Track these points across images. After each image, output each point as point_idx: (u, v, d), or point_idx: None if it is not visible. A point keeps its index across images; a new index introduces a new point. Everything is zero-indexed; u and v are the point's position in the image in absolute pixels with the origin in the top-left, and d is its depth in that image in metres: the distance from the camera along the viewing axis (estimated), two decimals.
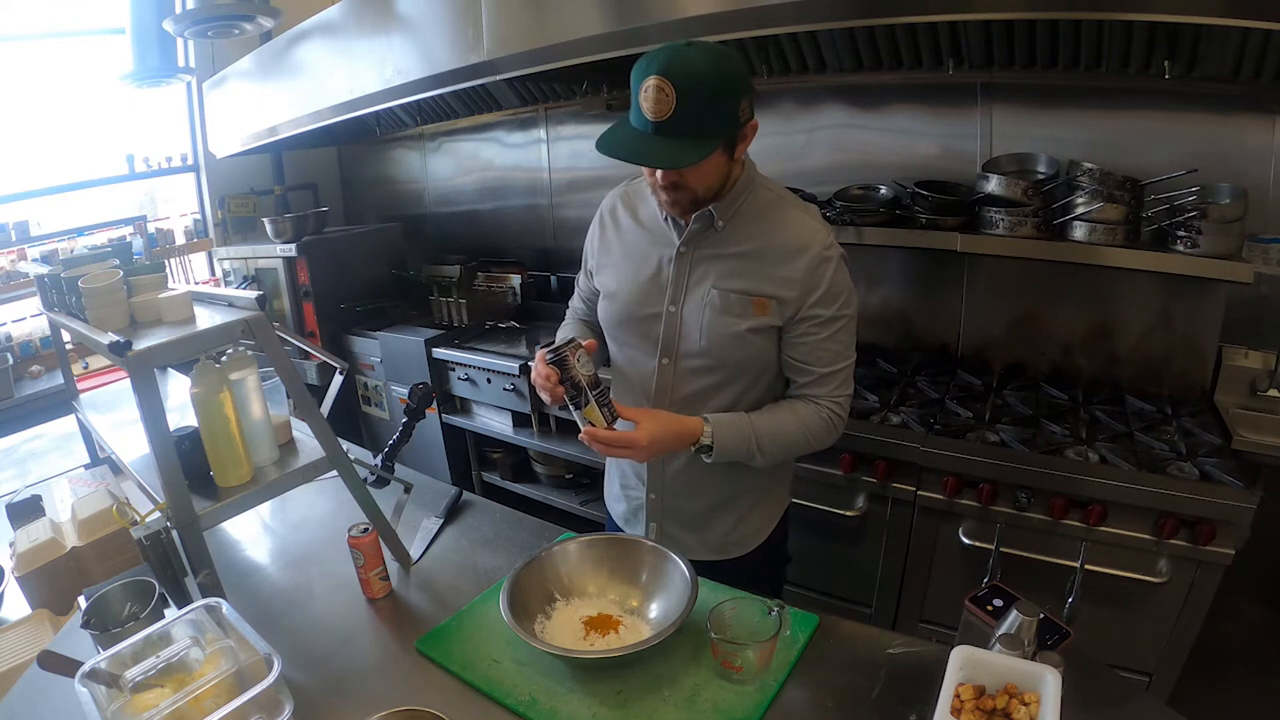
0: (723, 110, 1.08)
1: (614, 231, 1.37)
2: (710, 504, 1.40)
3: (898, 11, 1.60)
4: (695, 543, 1.42)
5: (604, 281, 1.38)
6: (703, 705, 1.04)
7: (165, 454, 1.15)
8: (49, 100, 3.16)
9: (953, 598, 1.15)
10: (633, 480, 1.46)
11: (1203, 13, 1.34)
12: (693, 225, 1.24)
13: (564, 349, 1.17)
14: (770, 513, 1.46)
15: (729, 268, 1.24)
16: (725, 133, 1.11)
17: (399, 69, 2.48)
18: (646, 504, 1.44)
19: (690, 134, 1.07)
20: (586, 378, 1.17)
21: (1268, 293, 1.87)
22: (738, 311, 1.24)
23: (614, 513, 1.56)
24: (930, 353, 2.38)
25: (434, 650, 1.19)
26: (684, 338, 1.28)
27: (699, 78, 1.04)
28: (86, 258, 1.48)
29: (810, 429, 1.27)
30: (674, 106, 1.04)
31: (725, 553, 1.43)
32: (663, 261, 1.29)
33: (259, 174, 3.79)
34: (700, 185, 1.17)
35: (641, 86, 1.06)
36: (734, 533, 1.42)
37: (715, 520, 1.41)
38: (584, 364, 1.17)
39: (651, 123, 1.06)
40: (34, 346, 3.21)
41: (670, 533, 1.44)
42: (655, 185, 1.20)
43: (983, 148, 2.13)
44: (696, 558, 1.38)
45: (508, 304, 3.22)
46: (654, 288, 1.30)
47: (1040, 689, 0.85)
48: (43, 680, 1.09)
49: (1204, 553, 1.59)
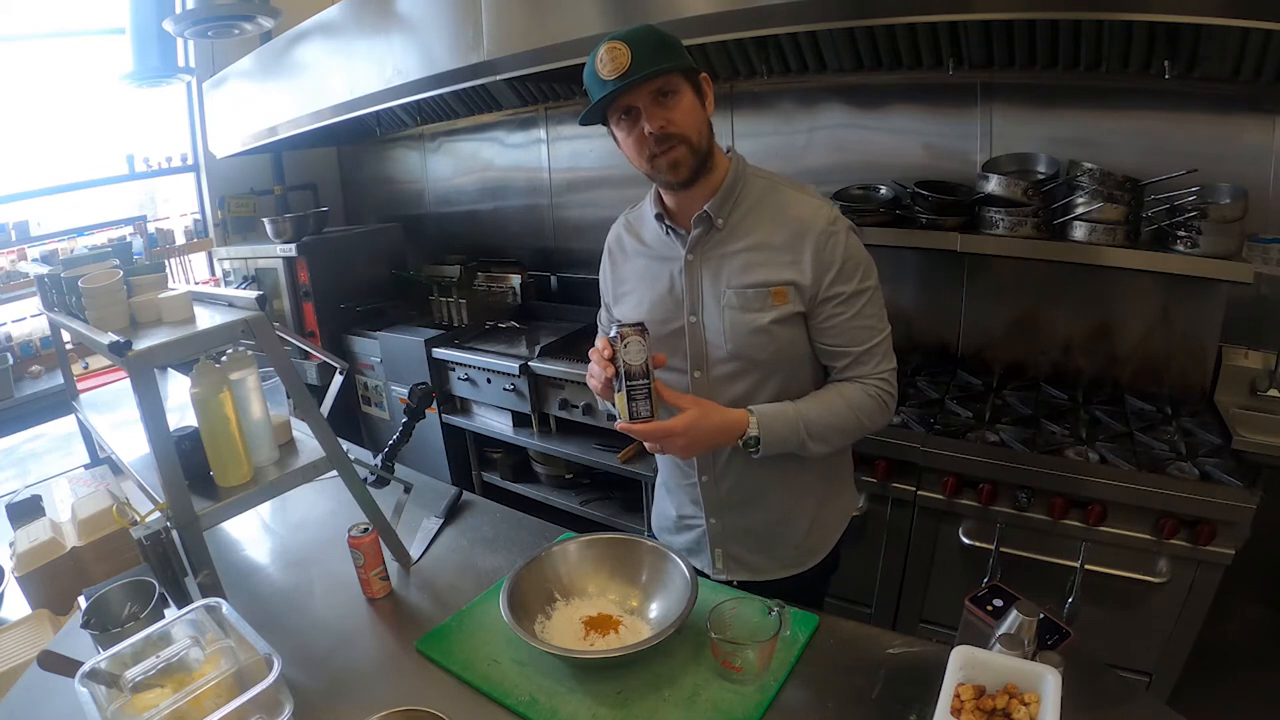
0: (674, 48, 1.14)
1: (623, 260, 1.37)
2: (774, 518, 1.35)
3: (898, 11, 1.60)
4: (766, 561, 1.37)
5: (624, 311, 1.35)
6: (703, 705, 1.04)
7: (165, 454, 1.15)
8: (49, 100, 3.16)
9: (953, 598, 1.15)
10: (690, 509, 1.40)
11: (1203, 13, 1.34)
12: (694, 231, 1.23)
13: (627, 327, 1.11)
14: (841, 512, 1.43)
15: (738, 264, 1.23)
16: (683, 62, 1.14)
17: (399, 69, 2.49)
18: (708, 530, 1.38)
19: (654, 64, 1.10)
20: (627, 365, 1.11)
21: (1268, 293, 1.87)
22: (757, 306, 1.21)
23: (671, 546, 1.37)
24: (930, 353, 2.37)
25: (434, 650, 1.19)
26: (710, 345, 1.26)
27: (642, 32, 1.13)
28: (86, 258, 1.48)
29: (861, 409, 1.22)
30: (630, 55, 1.09)
31: (801, 564, 1.38)
32: (674, 274, 1.28)
33: (259, 174, 3.79)
34: (689, 126, 1.15)
35: (596, 60, 1.12)
36: (806, 542, 1.38)
37: (783, 533, 1.36)
38: (632, 351, 1.11)
39: (615, 80, 1.10)
40: (34, 346, 3.21)
41: (737, 555, 1.38)
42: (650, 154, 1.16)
43: (983, 148, 2.13)
44: (771, 578, 1.36)
45: (508, 304, 3.22)
46: (671, 302, 1.28)
47: (1040, 689, 0.85)
48: (43, 680, 1.09)
49: (1204, 553, 1.59)
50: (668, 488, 1.46)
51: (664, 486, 1.48)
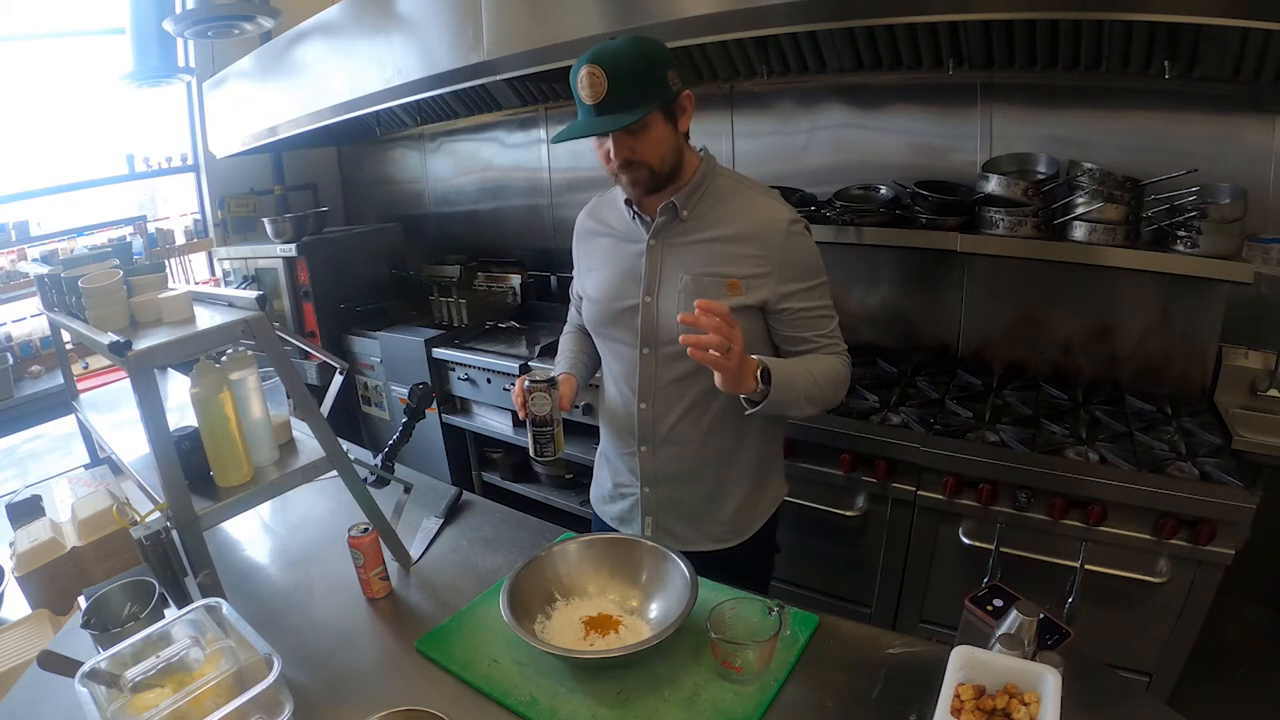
0: (652, 80, 1.19)
1: (589, 242, 1.48)
2: (706, 492, 1.42)
3: (898, 11, 1.60)
4: (694, 534, 1.44)
5: (584, 286, 1.48)
6: (703, 705, 1.04)
7: (165, 454, 1.15)
8: (49, 100, 3.16)
9: (953, 598, 1.15)
10: (626, 478, 1.49)
11: (1203, 13, 1.34)
12: (659, 218, 1.30)
13: (535, 383, 1.33)
14: (771, 496, 1.50)
15: (699, 254, 1.30)
16: (659, 99, 1.19)
17: (399, 69, 2.49)
18: (641, 499, 1.46)
19: (627, 106, 1.17)
20: (532, 414, 1.35)
21: (1268, 293, 1.87)
22: (712, 294, 1.26)
23: (605, 515, 1.57)
24: (930, 353, 2.37)
25: (434, 650, 1.19)
26: (661, 326, 1.33)
27: (623, 56, 1.17)
28: (86, 258, 1.48)
29: (839, 378, 1.33)
30: (607, 85, 1.15)
31: (726, 541, 1.45)
32: (635, 257, 1.35)
33: (259, 174, 3.79)
34: (652, 156, 1.23)
35: (578, 80, 1.18)
36: (734, 520, 1.44)
37: (714, 508, 1.43)
38: (537, 403, 1.33)
39: (592, 106, 1.18)
40: (34, 346, 3.21)
41: (667, 526, 1.46)
42: (614, 170, 1.26)
43: (983, 148, 2.13)
44: (697, 548, 1.40)
45: (508, 304, 3.22)
46: (629, 281, 1.36)
47: (1040, 689, 0.85)
48: (43, 680, 1.09)
49: (1204, 553, 1.59)
50: (607, 458, 1.55)
51: (603, 457, 1.57)
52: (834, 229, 2.13)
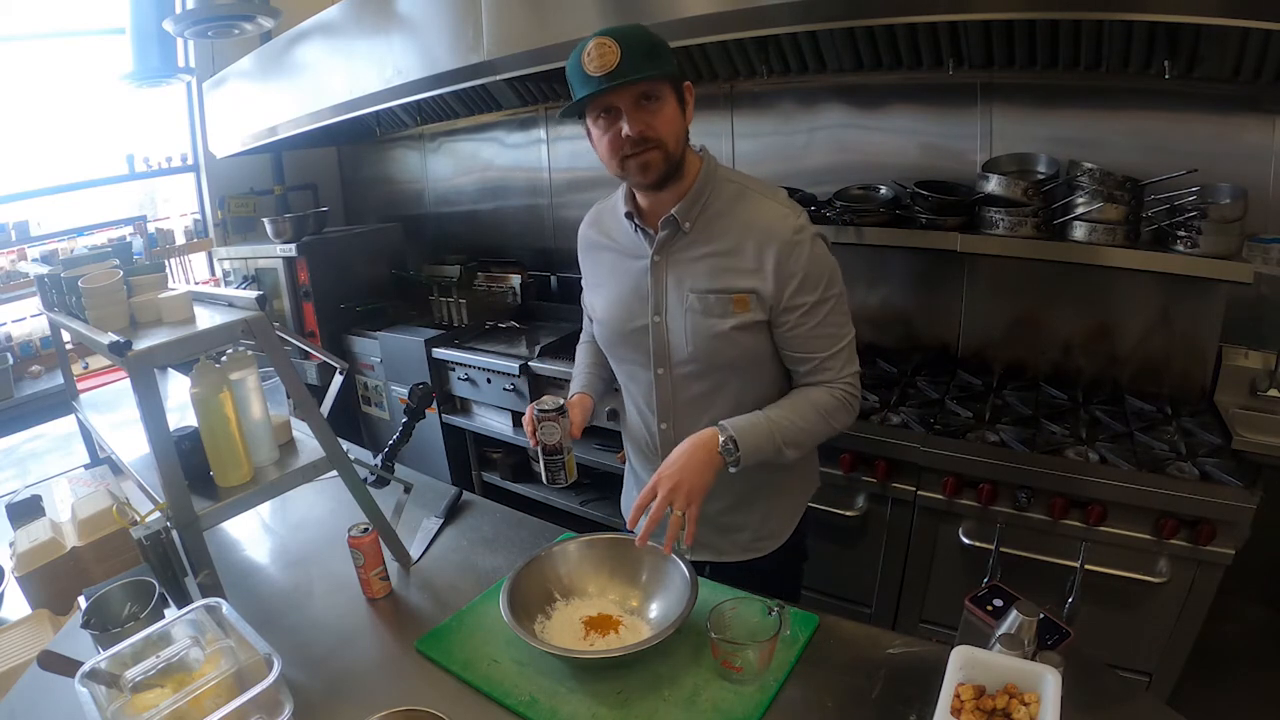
0: (662, 52, 1.14)
1: (593, 255, 1.42)
2: (731, 503, 1.38)
3: (898, 11, 1.60)
4: (725, 544, 1.41)
5: (592, 304, 1.42)
6: (703, 705, 1.04)
7: (165, 454, 1.15)
8: (49, 100, 3.16)
9: (953, 598, 1.15)
10: None
11: (1203, 13, 1.34)
12: (661, 233, 1.25)
13: (543, 412, 1.29)
14: (798, 503, 1.46)
15: (703, 269, 1.24)
16: (670, 69, 1.15)
17: (399, 69, 2.48)
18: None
19: (640, 72, 1.10)
20: (542, 443, 1.31)
21: (1268, 293, 1.87)
22: (718, 312, 1.23)
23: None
24: (930, 353, 2.37)
25: (434, 650, 1.19)
26: (672, 346, 1.29)
27: (633, 32, 1.12)
28: (86, 258, 1.48)
29: (828, 412, 1.25)
30: (619, 54, 1.09)
31: (757, 550, 1.41)
32: (640, 274, 1.30)
33: (259, 174, 3.79)
34: (667, 133, 1.16)
35: (583, 54, 1.10)
36: (764, 528, 1.41)
37: (742, 518, 1.40)
38: (545, 432, 1.30)
39: (601, 76, 1.10)
40: (34, 346, 3.22)
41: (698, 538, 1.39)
42: (623, 156, 1.17)
43: (983, 148, 2.13)
44: (728, 559, 1.39)
45: (508, 304, 3.22)
46: (636, 300, 1.31)
47: (1040, 689, 0.85)
48: (43, 680, 1.09)
49: (1204, 553, 1.59)
50: (635, 474, 1.52)
51: (631, 473, 1.55)
52: (834, 229, 2.13)
